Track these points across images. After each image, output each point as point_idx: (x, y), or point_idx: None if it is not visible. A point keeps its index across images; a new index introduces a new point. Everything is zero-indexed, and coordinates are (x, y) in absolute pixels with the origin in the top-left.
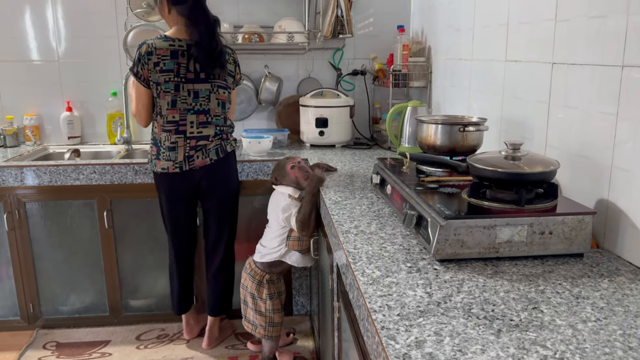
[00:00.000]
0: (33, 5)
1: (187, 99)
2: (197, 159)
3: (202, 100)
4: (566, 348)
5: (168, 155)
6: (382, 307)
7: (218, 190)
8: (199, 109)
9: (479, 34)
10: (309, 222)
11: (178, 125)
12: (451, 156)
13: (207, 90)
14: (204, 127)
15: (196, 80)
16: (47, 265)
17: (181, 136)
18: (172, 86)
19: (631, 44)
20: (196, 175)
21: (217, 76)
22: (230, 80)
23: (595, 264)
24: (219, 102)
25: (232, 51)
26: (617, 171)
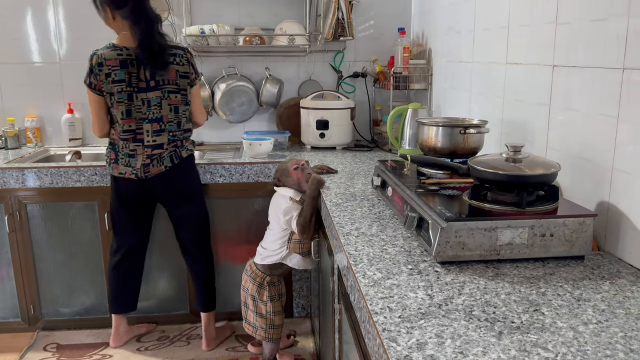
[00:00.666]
0: (35, 7)
1: (141, 108)
2: (153, 168)
3: (154, 108)
4: (568, 350)
5: (127, 162)
6: (384, 309)
7: (176, 195)
8: (152, 118)
9: (479, 37)
10: (310, 226)
11: (135, 134)
12: (452, 159)
13: (158, 98)
14: (158, 135)
15: (148, 89)
16: (48, 267)
17: (139, 144)
18: (125, 96)
19: (632, 47)
20: (151, 183)
21: (167, 81)
22: (185, 82)
23: (597, 267)
24: (172, 108)
25: (185, 51)
26: (618, 174)
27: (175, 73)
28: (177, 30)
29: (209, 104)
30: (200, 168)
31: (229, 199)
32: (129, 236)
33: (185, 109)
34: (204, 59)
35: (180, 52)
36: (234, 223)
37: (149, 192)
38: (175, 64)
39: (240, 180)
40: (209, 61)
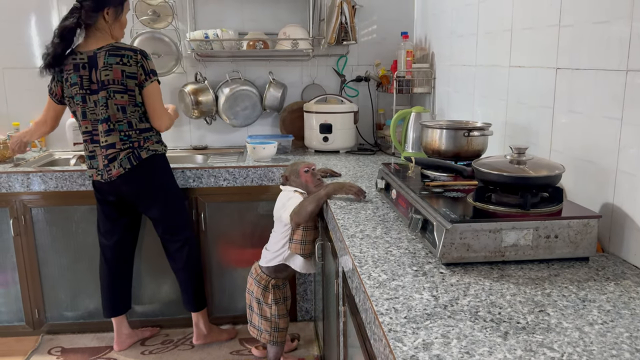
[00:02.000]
0: (38, 12)
1: (94, 109)
2: (113, 169)
3: (101, 108)
4: (573, 350)
5: (90, 163)
6: (389, 310)
7: (142, 196)
8: (102, 118)
9: (482, 40)
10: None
11: (92, 135)
12: (456, 161)
13: (104, 97)
14: (108, 135)
15: (97, 90)
16: (53, 270)
17: (97, 145)
18: (80, 99)
19: (635, 49)
20: (116, 184)
21: (112, 81)
22: (132, 82)
23: (601, 268)
24: (118, 107)
25: (136, 53)
26: (622, 175)
27: (120, 73)
28: (181, 35)
29: (213, 107)
30: (204, 171)
31: (233, 202)
32: (109, 237)
33: (134, 110)
34: (207, 63)
35: (129, 54)
36: (238, 226)
37: (116, 194)
38: (121, 64)
39: (244, 183)
40: (213, 65)
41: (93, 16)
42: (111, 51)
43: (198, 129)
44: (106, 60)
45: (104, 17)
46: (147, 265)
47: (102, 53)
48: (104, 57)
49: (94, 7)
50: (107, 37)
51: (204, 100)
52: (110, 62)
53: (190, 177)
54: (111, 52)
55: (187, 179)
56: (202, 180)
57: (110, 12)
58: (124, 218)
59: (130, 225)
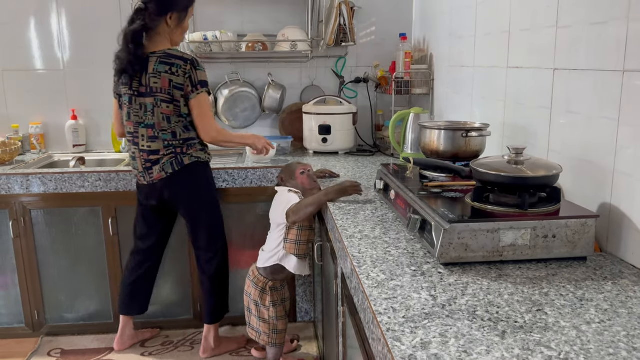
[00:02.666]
0: (38, 15)
1: (138, 112)
2: (155, 173)
3: (148, 114)
4: (570, 349)
5: (132, 164)
6: (388, 309)
7: (183, 201)
8: (147, 123)
9: (480, 41)
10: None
11: (134, 137)
12: (454, 162)
13: (151, 104)
14: (152, 141)
15: (146, 94)
16: (52, 272)
17: (136, 147)
18: (127, 99)
19: (632, 50)
20: (157, 188)
21: (159, 89)
22: (178, 93)
23: (599, 267)
24: (164, 117)
25: (186, 62)
26: (619, 175)
27: (168, 83)
28: None
29: (212, 109)
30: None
31: (232, 204)
32: (144, 241)
33: (179, 120)
34: (206, 64)
35: (179, 63)
36: (237, 228)
37: (157, 197)
38: (170, 73)
39: (243, 185)
40: (212, 67)
41: (156, 20)
42: (162, 58)
43: None
44: (156, 67)
45: (166, 22)
46: None
47: (154, 58)
48: (154, 63)
49: (158, 11)
50: (166, 41)
51: None
52: (160, 70)
53: None
54: (162, 60)
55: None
56: None
57: (174, 17)
58: (160, 223)
59: (165, 231)
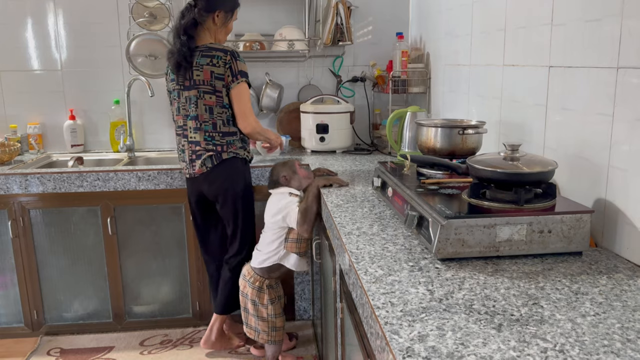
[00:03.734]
0: (35, 16)
1: (185, 105)
2: (197, 167)
3: (192, 106)
4: (566, 341)
5: (181, 157)
6: (385, 303)
7: (220, 195)
8: (192, 115)
9: (477, 40)
10: (310, 215)
11: (183, 130)
12: (451, 159)
13: (194, 96)
14: (196, 132)
15: (189, 87)
16: (51, 272)
17: (186, 140)
18: (175, 94)
19: (626, 47)
20: (198, 182)
21: (202, 81)
22: (220, 84)
23: (594, 262)
24: (206, 108)
25: (226, 53)
26: (614, 171)
27: (210, 74)
28: None
29: None
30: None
31: None
32: (203, 237)
33: (221, 111)
34: None
35: (220, 54)
36: None
37: (198, 193)
38: (211, 65)
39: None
40: None
41: (204, 16)
42: (204, 52)
43: None
44: (198, 60)
45: (213, 19)
46: (145, 266)
47: (197, 52)
48: (197, 57)
49: (207, 8)
50: (210, 38)
51: None
52: (202, 62)
53: None
54: (204, 53)
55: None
56: None
57: (221, 16)
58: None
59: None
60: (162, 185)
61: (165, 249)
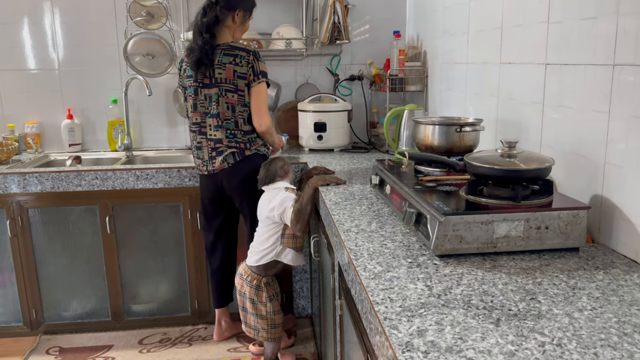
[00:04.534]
0: (32, 15)
1: (204, 103)
2: (217, 163)
3: (213, 104)
4: (563, 335)
5: (197, 154)
6: (384, 299)
7: (240, 190)
8: (213, 113)
9: (473, 38)
10: (304, 215)
11: (200, 127)
12: (448, 156)
13: (216, 94)
14: (217, 130)
15: (210, 85)
16: (50, 271)
17: (204, 137)
18: (192, 90)
19: (621, 44)
20: (218, 178)
21: (224, 80)
22: (242, 82)
23: (591, 257)
24: (228, 106)
25: (249, 53)
26: (610, 167)
27: (232, 73)
28: (175, 35)
29: None
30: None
31: None
32: (207, 235)
33: (243, 110)
34: None
35: (243, 54)
36: None
37: (218, 187)
38: (234, 64)
39: None
40: None
41: (225, 14)
42: (226, 50)
43: None
44: (221, 58)
45: (233, 17)
46: (143, 265)
47: (218, 50)
48: (219, 55)
49: (228, 6)
50: (229, 36)
51: None
52: (224, 61)
53: (187, 176)
54: (226, 52)
55: (183, 178)
56: (198, 179)
57: (240, 14)
58: (218, 218)
59: (225, 225)
60: (160, 184)
61: (163, 247)
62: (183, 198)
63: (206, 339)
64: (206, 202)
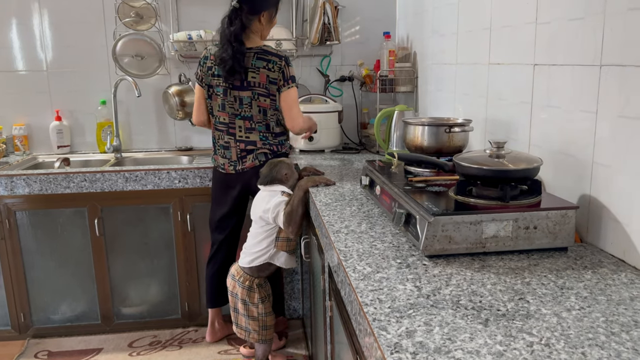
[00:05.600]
0: (20, 16)
1: (233, 104)
2: (248, 161)
3: (245, 106)
4: (551, 335)
5: (223, 153)
6: (374, 300)
7: None
8: (244, 115)
9: (462, 39)
10: (296, 217)
11: (229, 127)
12: (438, 157)
13: (248, 97)
14: (249, 132)
15: (241, 87)
16: (38, 274)
17: (232, 137)
18: (221, 90)
19: (608, 44)
20: (247, 176)
21: (257, 84)
22: (274, 87)
23: (579, 257)
24: (260, 109)
25: (281, 59)
26: (598, 167)
27: (265, 77)
28: (165, 36)
29: None
30: (190, 172)
31: None
32: (223, 231)
33: (274, 113)
34: (191, 64)
35: (275, 59)
36: None
37: (243, 186)
38: (267, 69)
39: None
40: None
41: (250, 19)
42: (259, 54)
43: (183, 130)
44: (254, 62)
45: (259, 20)
46: (133, 267)
47: (251, 54)
48: (252, 58)
49: (253, 11)
50: (257, 38)
51: (188, 102)
52: (258, 65)
53: (176, 178)
54: (259, 56)
55: (173, 179)
56: (187, 181)
57: (266, 15)
58: (232, 219)
59: (241, 221)
60: (150, 185)
61: (153, 249)
62: (173, 200)
63: (197, 341)
64: (223, 201)
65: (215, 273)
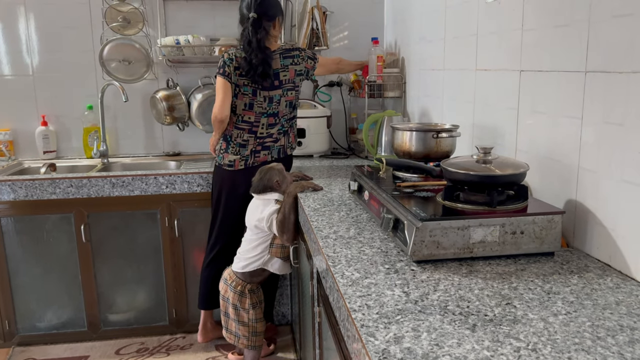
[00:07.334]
0: (5, 20)
1: (262, 104)
2: (261, 156)
3: (274, 104)
4: (538, 340)
5: (237, 150)
6: (362, 306)
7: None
8: (270, 113)
9: (450, 45)
10: (288, 224)
11: (252, 126)
12: (426, 162)
13: (278, 95)
14: (271, 127)
15: (271, 87)
16: (24, 280)
17: (252, 135)
18: (250, 90)
19: (593, 51)
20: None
21: (287, 81)
22: (299, 79)
23: (566, 262)
24: (287, 103)
25: (300, 50)
26: (583, 172)
27: (294, 72)
28: (152, 41)
29: (185, 113)
30: (178, 177)
31: (207, 208)
32: (226, 233)
33: (297, 103)
34: (179, 69)
35: (296, 53)
36: None
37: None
38: (294, 64)
39: None
40: (185, 71)
41: (269, 25)
42: (284, 54)
43: (171, 135)
44: (282, 62)
45: (274, 25)
46: (120, 274)
47: (276, 55)
48: (279, 59)
49: (270, 17)
50: (274, 40)
51: (176, 106)
52: (286, 63)
53: (164, 184)
54: (285, 55)
55: (160, 185)
56: (175, 186)
57: (279, 20)
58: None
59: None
60: (137, 191)
61: (140, 256)
62: (160, 205)
63: (184, 348)
64: (236, 198)
65: (214, 276)
